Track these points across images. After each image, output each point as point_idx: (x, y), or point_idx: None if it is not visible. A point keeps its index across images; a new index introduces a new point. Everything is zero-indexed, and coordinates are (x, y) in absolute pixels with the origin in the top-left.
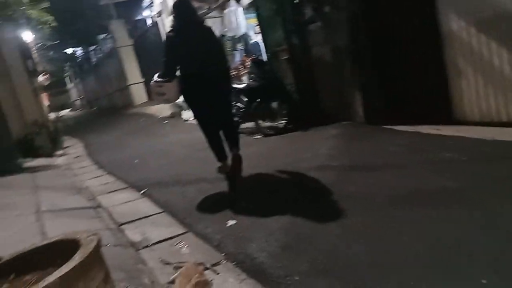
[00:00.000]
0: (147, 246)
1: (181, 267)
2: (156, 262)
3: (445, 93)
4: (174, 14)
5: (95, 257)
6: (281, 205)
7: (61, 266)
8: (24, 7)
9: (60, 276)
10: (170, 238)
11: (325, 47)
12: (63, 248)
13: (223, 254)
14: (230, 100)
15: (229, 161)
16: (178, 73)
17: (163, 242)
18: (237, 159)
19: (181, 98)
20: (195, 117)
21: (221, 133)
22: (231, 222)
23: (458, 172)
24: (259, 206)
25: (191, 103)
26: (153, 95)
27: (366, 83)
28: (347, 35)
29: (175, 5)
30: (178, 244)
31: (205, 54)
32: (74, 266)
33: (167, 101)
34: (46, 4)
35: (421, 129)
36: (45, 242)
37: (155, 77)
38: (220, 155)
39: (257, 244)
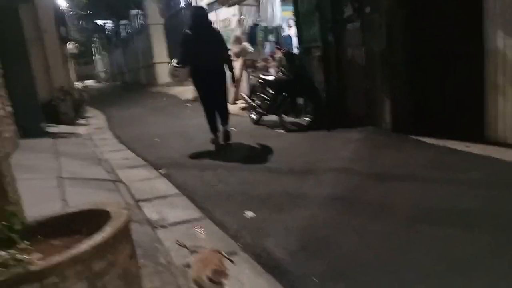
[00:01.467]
0: (163, 226)
1: (196, 251)
2: (172, 243)
3: (479, 110)
4: (190, 17)
5: (125, 231)
6: (299, 204)
7: (87, 235)
8: None
9: (92, 245)
10: (187, 221)
11: (360, 49)
12: (91, 217)
13: (240, 244)
14: (225, 87)
15: (220, 134)
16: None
17: (180, 224)
18: (227, 133)
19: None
20: (199, 97)
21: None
22: (248, 213)
23: (484, 194)
24: (276, 202)
25: (196, 86)
26: (170, 76)
27: (397, 90)
28: (385, 39)
29: (191, 10)
30: (195, 228)
31: (210, 51)
32: (107, 237)
33: (179, 81)
34: None
35: (449, 144)
36: (72, 209)
37: (173, 62)
38: (213, 128)
39: (275, 239)
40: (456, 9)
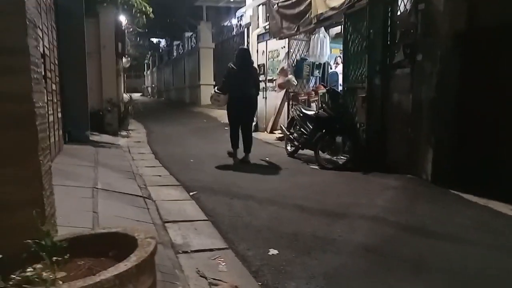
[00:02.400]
0: (186, 252)
1: (216, 284)
2: (192, 271)
3: None
4: (236, 55)
5: (150, 261)
6: (328, 250)
7: (113, 258)
8: None
9: (116, 274)
10: (210, 250)
11: (407, 95)
12: (118, 240)
13: (260, 283)
14: (252, 117)
15: (240, 156)
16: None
17: (202, 252)
18: (246, 160)
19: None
20: (229, 119)
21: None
22: (273, 251)
23: None
24: (304, 244)
25: (229, 110)
26: (211, 100)
27: (441, 141)
28: (434, 88)
29: (239, 51)
30: (217, 259)
31: (247, 84)
32: (131, 267)
33: (218, 105)
34: None
35: (492, 205)
36: (102, 230)
37: (215, 89)
38: (234, 145)
39: (297, 284)
40: (511, 67)
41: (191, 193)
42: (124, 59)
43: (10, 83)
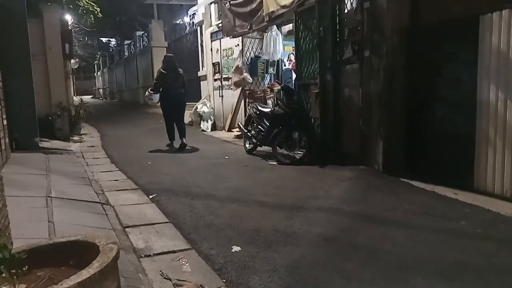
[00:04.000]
0: (149, 255)
1: (180, 285)
2: (156, 274)
3: (469, 159)
4: (164, 61)
5: (113, 267)
6: (288, 242)
7: (74, 267)
8: None
9: (78, 281)
10: (173, 251)
11: (357, 89)
12: (78, 248)
13: (224, 280)
14: (183, 110)
15: (177, 143)
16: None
17: (165, 255)
18: (183, 144)
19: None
20: (164, 115)
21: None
22: (236, 248)
23: (470, 246)
24: (265, 239)
25: (163, 107)
26: (146, 99)
27: (390, 133)
28: (382, 82)
29: (167, 57)
30: (180, 260)
31: (175, 85)
32: (94, 274)
33: (152, 103)
34: None
35: (438, 190)
36: (61, 239)
37: (149, 90)
38: (171, 137)
39: (261, 278)
40: (453, 60)
41: (150, 196)
42: (72, 60)
43: None
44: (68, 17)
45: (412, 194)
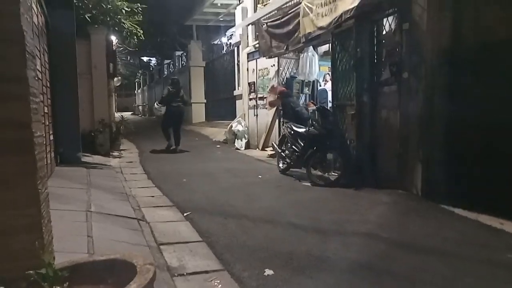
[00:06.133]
0: (182, 275)
1: None
2: None
3: None
4: (171, 82)
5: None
6: (323, 268)
7: (112, 285)
8: (120, 16)
9: None
10: (206, 271)
11: (395, 111)
12: (116, 267)
13: None
14: (181, 121)
15: (173, 145)
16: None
17: (198, 274)
18: (177, 149)
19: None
20: (164, 122)
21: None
22: (268, 272)
23: None
24: (299, 263)
25: (165, 117)
26: (154, 110)
27: (430, 157)
28: (421, 104)
29: (172, 80)
30: (213, 281)
31: (178, 100)
32: None
33: (159, 114)
34: (139, 18)
35: (481, 219)
36: (100, 257)
37: (156, 103)
38: (168, 138)
39: None
40: (497, 83)
41: (185, 214)
42: (115, 79)
43: (9, 110)
44: (113, 38)
45: (453, 222)
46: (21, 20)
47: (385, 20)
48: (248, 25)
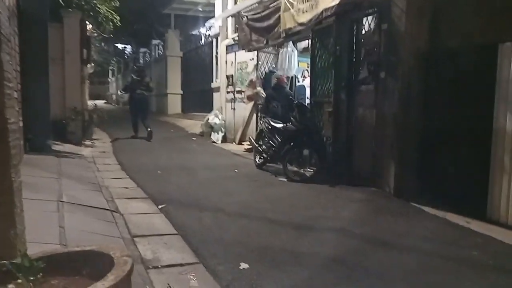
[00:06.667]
0: (156, 267)
1: None
2: (163, 286)
3: (482, 188)
4: (136, 70)
5: (127, 281)
6: (297, 262)
7: (87, 277)
8: (96, 1)
9: None
10: (181, 264)
11: (371, 110)
12: (92, 258)
13: None
14: (146, 108)
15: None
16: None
17: (173, 267)
18: (150, 132)
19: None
20: (131, 111)
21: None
22: (244, 265)
23: (482, 277)
24: (274, 257)
25: (130, 104)
26: (118, 97)
27: (403, 156)
28: (397, 104)
29: (137, 67)
30: (188, 274)
31: (142, 88)
32: (108, 287)
33: (122, 101)
34: (116, 3)
35: (450, 217)
36: (76, 248)
37: (120, 90)
38: (135, 130)
39: None
40: (470, 87)
41: (159, 206)
42: (88, 66)
43: None
44: (88, 24)
45: (423, 220)
46: None
47: (365, 19)
48: (228, 17)
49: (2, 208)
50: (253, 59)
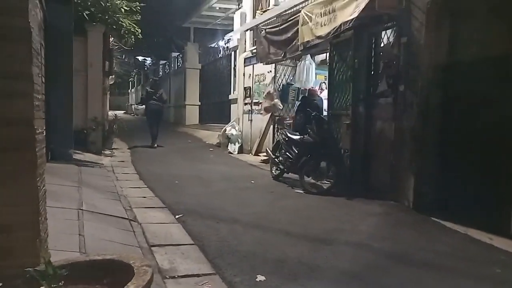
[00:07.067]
0: (173, 277)
1: None
2: None
3: (506, 203)
4: (150, 83)
5: None
6: (314, 276)
7: (108, 286)
8: (119, 15)
9: None
10: (197, 275)
11: (390, 123)
12: (112, 267)
13: None
14: (159, 119)
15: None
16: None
17: (190, 278)
18: (153, 145)
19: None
20: (147, 121)
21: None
22: (260, 277)
23: None
24: (290, 270)
25: (147, 116)
26: (133, 109)
27: (423, 170)
28: (416, 117)
29: (151, 80)
30: (204, 285)
31: (157, 101)
32: None
33: (138, 113)
34: (138, 17)
35: (471, 233)
36: (97, 257)
37: (136, 103)
38: (154, 137)
39: None
40: (490, 99)
41: (177, 216)
42: (110, 77)
43: (13, 107)
44: (111, 37)
45: (443, 235)
46: (28, 17)
47: (383, 32)
48: (247, 30)
49: (27, 217)
50: (270, 71)
